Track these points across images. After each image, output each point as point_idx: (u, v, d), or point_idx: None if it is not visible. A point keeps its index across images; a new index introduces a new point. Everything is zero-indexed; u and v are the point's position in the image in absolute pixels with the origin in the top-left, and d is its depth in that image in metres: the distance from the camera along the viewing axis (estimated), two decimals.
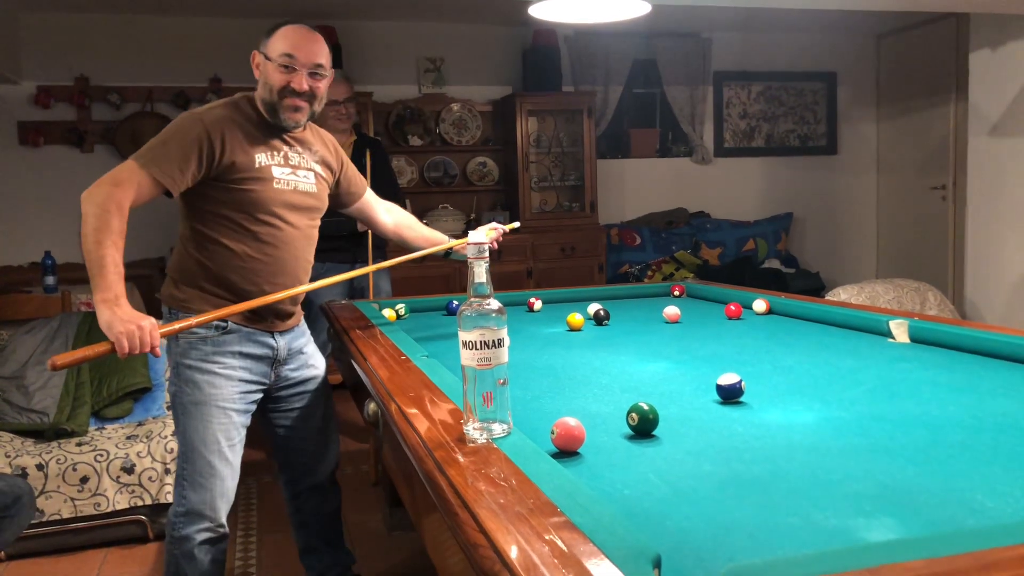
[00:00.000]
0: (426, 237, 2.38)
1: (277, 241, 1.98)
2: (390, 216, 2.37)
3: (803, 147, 6.61)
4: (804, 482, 1.13)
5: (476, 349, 1.23)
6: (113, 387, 3.16)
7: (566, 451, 1.27)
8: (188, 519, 1.95)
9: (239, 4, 4.94)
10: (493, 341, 1.23)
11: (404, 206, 4.15)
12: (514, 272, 5.39)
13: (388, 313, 2.69)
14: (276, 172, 1.97)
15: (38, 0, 4.79)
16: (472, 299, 1.26)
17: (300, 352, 2.15)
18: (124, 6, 4.95)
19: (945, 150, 6.01)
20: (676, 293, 3.10)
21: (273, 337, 2.05)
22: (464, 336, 1.24)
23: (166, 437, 2.94)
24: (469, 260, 1.26)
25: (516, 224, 2.53)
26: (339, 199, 2.23)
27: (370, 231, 3.60)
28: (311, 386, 2.19)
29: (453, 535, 0.99)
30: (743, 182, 6.46)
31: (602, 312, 2.55)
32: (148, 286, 4.73)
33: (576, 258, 5.56)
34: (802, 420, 1.45)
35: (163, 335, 1.72)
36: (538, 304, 2.90)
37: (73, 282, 4.51)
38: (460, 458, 1.16)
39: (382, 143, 4.20)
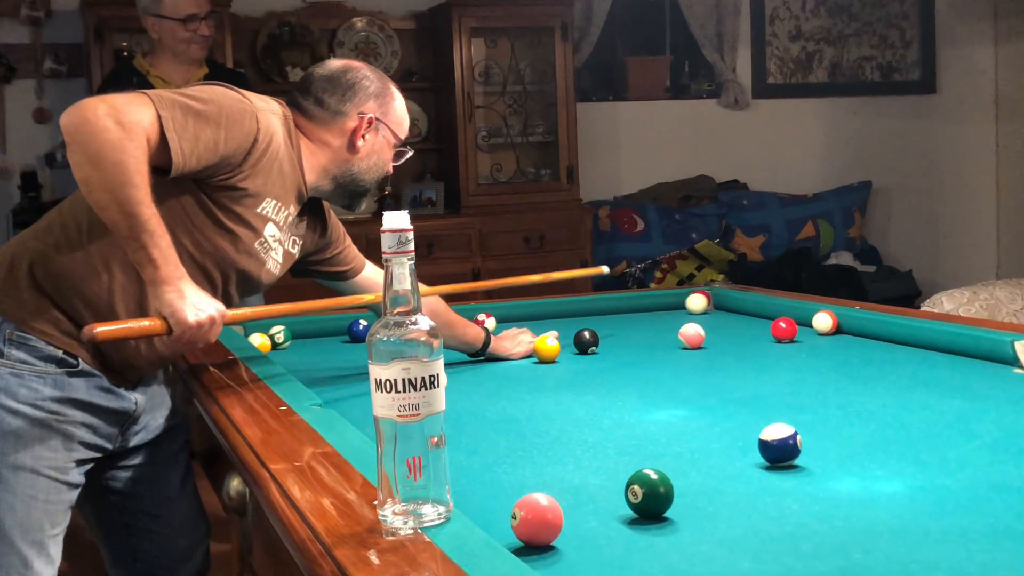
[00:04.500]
0: (454, 332, 2.49)
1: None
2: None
3: (886, 83, 6.71)
4: None
5: (397, 392, 1.23)
6: None
7: (535, 544, 1.27)
8: None
9: None
10: (423, 379, 1.24)
11: None
12: (453, 274, 5.39)
13: (259, 341, 2.68)
14: (269, 230, 2.11)
15: None
16: (390, 316, 1.26)
17: (160, 405, 2.21)
18: None
19: None
20: (696, 307, 3.12)
21: (134, 390, 2.10)
22: (378, 372, 1.24)
23: None
24: (385, 256, 1.26)
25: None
26: (325, 272, 2.49)
27: None
28: (168, 441, 2.23)
29: None
30: (796, 136, 6.54)
31: (588, 335, 2.56)
32: None
33: (547, 252, 5.58)
34: (887, 491, 1.47)
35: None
36: (490, 322, 2.90)
37: None
38: (373, 558, 1.16)
39: (246, 78, 4.18)
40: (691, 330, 2.57)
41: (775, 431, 1.58)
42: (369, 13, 5.72)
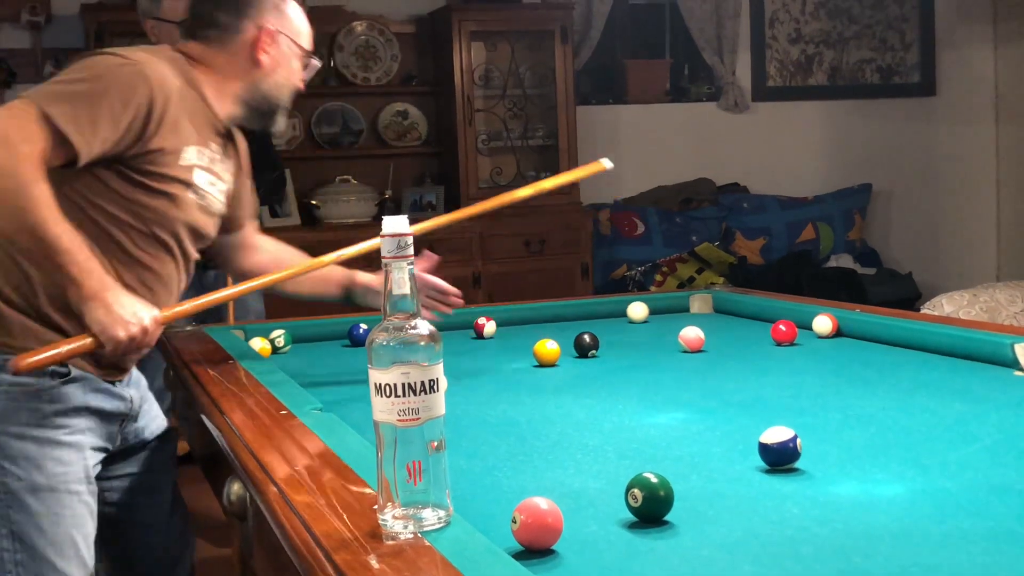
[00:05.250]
0: (314, 273, 2.45)
1: (163, 271, 2.06)
2: (265, 253, 2.44)
3: (886, 86, 6.72)
4: None
5: (397, 396, 1.23)
6: None
7: (535, 548, 1.27)
8: None
9: None
10: (423, 384, 1.24)
11: (283, 180, 4.16)
12: (454, 278, 5.39)
13: (260, 345, 2.68)
14: (198, 178, 2.07)
15: None
16: (389, 320, 1.26)
17: (146, 401, 2.22)
18: None
19: None
20: (637, 315, 3.07)
21: (126, 387, 2.11)
22: (378, 377, 1.24)
23: None
24: (384, 260, 1.27)
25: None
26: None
27: None
28: (162, 446, 2.24)
29: None
30: (796, 139, 6.55)
31: (588, 338, 2.57)
32: None
33: (548, 256, 5.59)
34: (888, 494, 1.47)
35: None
36: (490, 327, 2.91)
37: None
38: (374, 563, 1.16)
39: None
40: (691, 333, 2.57)
41: (775, 434, 1.58)
42: (369, 17, 5.73)
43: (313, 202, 5.50)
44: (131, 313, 1.84)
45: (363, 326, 2.85)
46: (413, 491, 1.24)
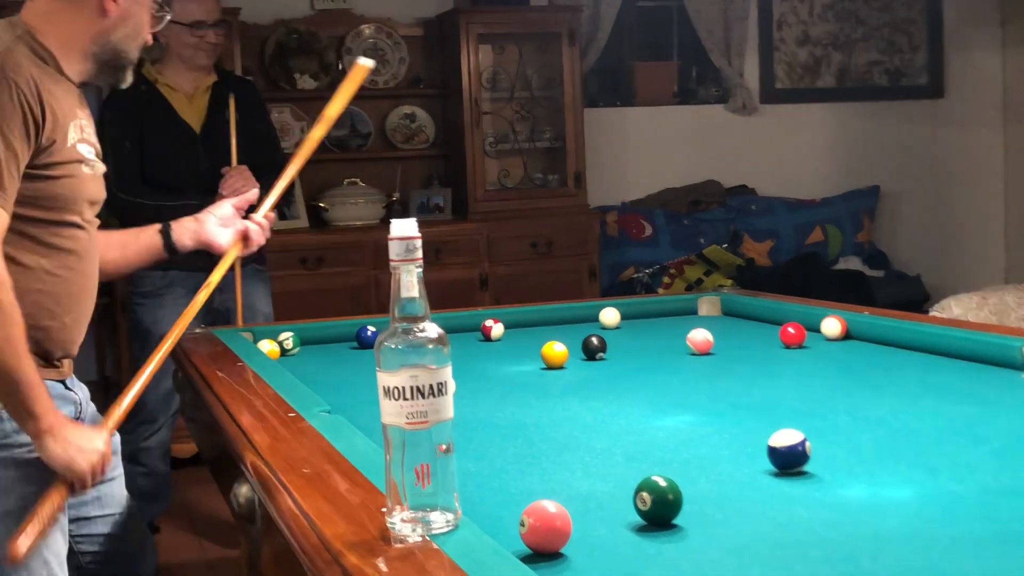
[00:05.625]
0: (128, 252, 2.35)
1: (79, 248, 2.04)
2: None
3: (894, 87, 6.71)
4: None
5: (405, 399, 1.23)
6: None
7: (543, 551, 1.27)
8: None
9: None
10: (431, 387, 1.24)
11: (291, 184, 4.15)
12: (460, 280, 5.40)
13: (268, 347, 2.68)
14: (83, 150, 2.04)
15: None
16: (397, 322, 1.26)
17: (90, 405, 2.18)
18: None
19: None
20: (610, 321, 3.02)
21: (68, 388, 2.08)
22: (386, 380, 1.24)
23: None
24: (393, 263, 1.27)
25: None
26: None
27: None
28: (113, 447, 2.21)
29: None
30: (804, 141, 6.54)
31: (595, 341, 2.57)
32: None
33: (555, 258, 5.58)
34: (897, 498, 1.47)
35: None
36: (498, 329, 2.91)
37: None
38: (382, 565, 1.16)
39: (255, 86, 4.19)
40: (699, 336, 2.57)
41: (784, 437, 1.58)
42: (377, 20, 5.73)
43: (321, 204, 5.51)
44: (87, 441, 1.88)
45: (371, 328, 2.85)
46: (421, 494, 1.24)
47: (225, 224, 2.36)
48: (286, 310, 4.22)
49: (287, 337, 2.78)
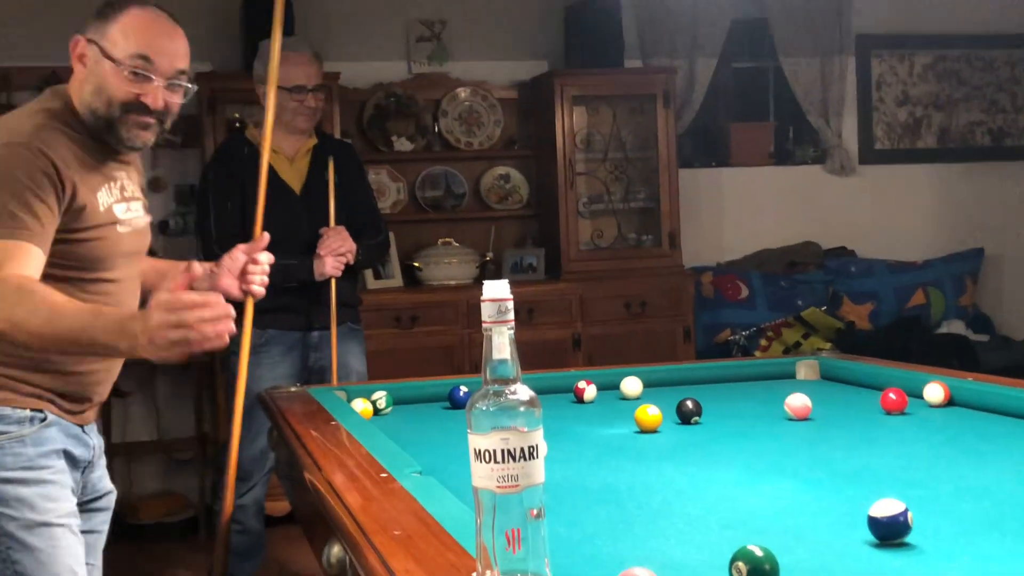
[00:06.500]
0: (157, 270, 2.49)
1: (114, 302, 2.15)
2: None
3: (997, 148, 6.61)
4: None
5: (496, 462, 1.22)
6: None
7: None
8: None
9: None
10: (522, 450, 1.23)
11: (387, 243, 4.22)
12: (553, 341, 5.40)
13: (361, 406, 2.70)
14: (118, 212, 2.17)
15: None
16: (489, 384, 1.26)
17: (101, 456, 2.32)
18: None
19: None
20: (632, 391, 2.93)
21: (86, 433, 2.22)
22: (477, 442, 1.24)
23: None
24: (485, 324, 1.27)
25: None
26: None
27: (333, 279, 3.65)
28: (109, 502, 2.36)
29: None
30: (905, 202, 6.45)
31: (690, 404, 2.54)
32: None
33: (649, 319, 5.56)
34: (1004, 571, 1.42)
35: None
36: (591, 391, 2.89)
37: None
38: None
39: (353, 148, 4.25)
40: (797, 401, 2.53)
41: (885, 507, 1.55)
42: (473, 83, 5.81)
43: (415, 264, 5.56)
44: (156, 327, 1.76)
45: (464, 388, 2.85)
46: (512, 559, 1.23)
47: (230, 272, 2.48)
48: (380, 368, 4.26)
49: (380, 396, 2.79)
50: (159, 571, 4.63)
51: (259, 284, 2.51)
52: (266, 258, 2.52)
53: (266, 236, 2.58)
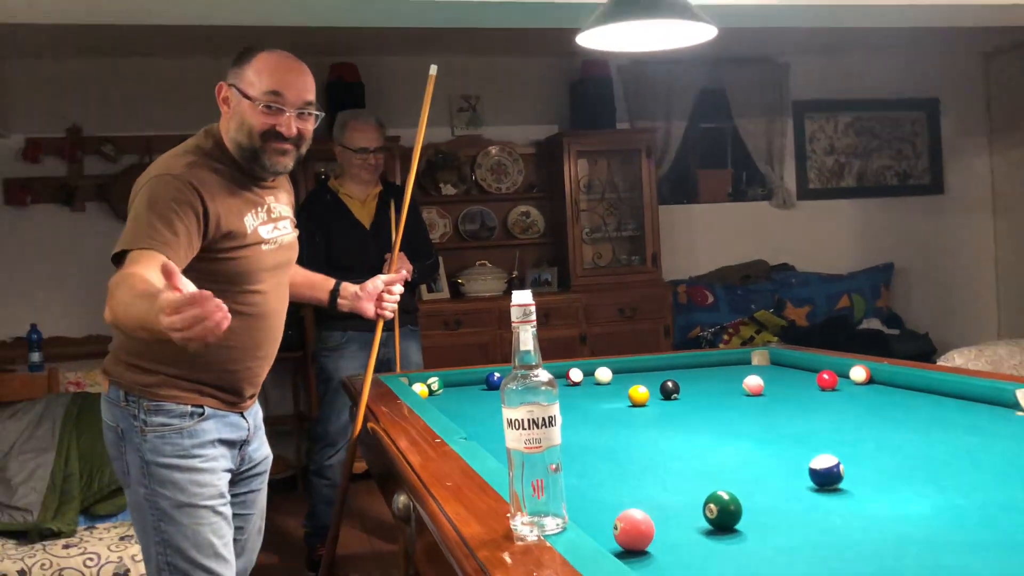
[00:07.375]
0: (311, 291, 2.40)
1: (260, 311, 2.03)
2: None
3: (902, 186, 6.58)
4: None
5: (524, 429, 1.23)
6: (105, 480, 3.21)
7: (632, 550, 1.25)
8: None
9: (238, 39, 5.11)
10: (543, 419, 1.24)
11: (436, 265, 4.23)
12: (565, 338, 5.39)
13: (419, 389, 2.71)
14: (264, 232, 2.00)
15: (26, 47, 5.02)
16: (517, 370, 1.26)
17: (259, 428, 2.19)
18: (108, 50, 5.13)
19: None
20: (603, 378, 2.87)
21: (244, 417, 2.09)
22: (509, 414, 1.25)
23: None
24: (514, 324, 1.27)
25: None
26: None
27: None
28: (266, 466, 2.24)
29: None
30: (833, 228, 6.42)
31: (670, 384, 2.54)
32: None
33: (638, 320, 5.54)
34: (914, 510, 1.42)
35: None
36: (576, 373, 2.87)
37: (60, 359, 4.63)
38: (507, 559, 1.16)
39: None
40: (753, 381, 2.53)
41: (822, 461, 1.54)
42: (501, 142, 5.83)
43: (459, 280, 5.58)
44: (167, 327, 1.45)
45: (497, 374, 2.86)
46: (537, 503, 1.24)
47: (371, 297, 2.40)
48: (433, 360, 4.27)
49: (434, 381, 2.80)
50: (267, 515, 4.64)
51: (390, 310, 2.41)
52: (398, 289, 2.42)
53: (403, 272, 2.48)
